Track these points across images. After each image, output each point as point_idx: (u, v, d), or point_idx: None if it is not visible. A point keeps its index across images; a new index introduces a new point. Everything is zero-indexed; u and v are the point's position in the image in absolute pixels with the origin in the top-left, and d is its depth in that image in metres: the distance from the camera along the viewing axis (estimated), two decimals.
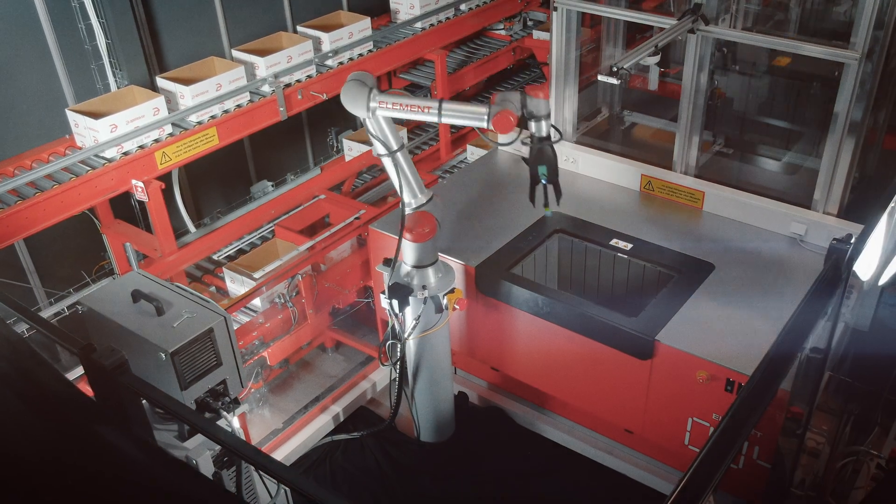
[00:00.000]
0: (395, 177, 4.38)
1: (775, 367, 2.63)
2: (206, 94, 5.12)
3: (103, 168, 4.70)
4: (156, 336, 3.34)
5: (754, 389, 2.57)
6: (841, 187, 4.92)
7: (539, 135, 4.26)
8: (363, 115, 4.19)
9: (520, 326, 4.92)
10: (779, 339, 2.74)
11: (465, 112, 4.18)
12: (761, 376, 2.60)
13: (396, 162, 4.33)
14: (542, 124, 4.22)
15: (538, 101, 4.14)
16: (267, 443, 5.44)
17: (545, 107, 4.19)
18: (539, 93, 4.14)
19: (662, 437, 4.68)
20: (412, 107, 4.17)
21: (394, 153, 4.31)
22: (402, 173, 4.39)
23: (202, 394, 3.49)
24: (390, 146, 4.31)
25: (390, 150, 4.31)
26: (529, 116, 4.20)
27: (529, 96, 4.13)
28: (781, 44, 4.99)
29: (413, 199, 4.50)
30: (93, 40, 5.60)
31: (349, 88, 4.19)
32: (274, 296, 5.20)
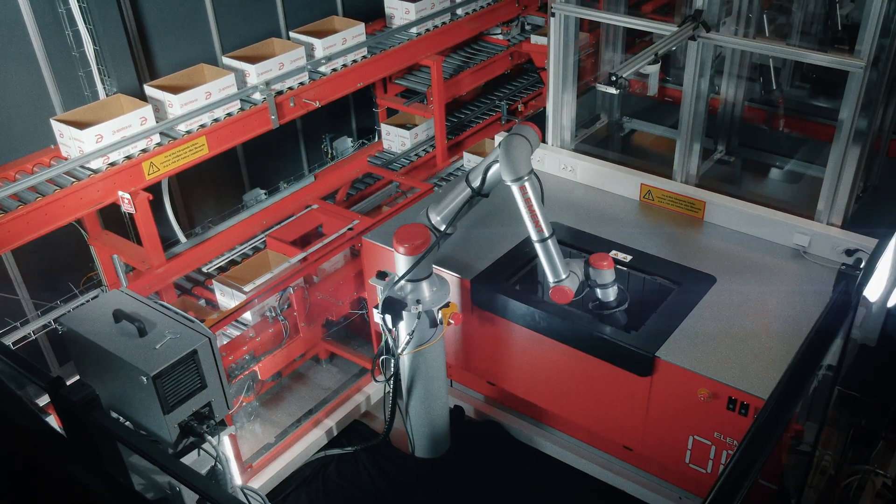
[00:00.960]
0: (457, 204, 4.40)
1: (790, 394, 2.53)
2: (196, 102, 5.00)
3: (89, 179, 4.58)
4: (137, 358, 3.23)
5: (770, 417, 2.48)
6: (845, 198, 4.81)
7: (605, 300, 4.52)
8: (506, 179, 4.19)
9: (516, 341, 4.80)
10: (792, 365, 2.64)
11: (550, 261, 4.32)
12: (776, 404, 2.51)
13: (472, 201, 4.41)
14: (607, 292, 4.50)
15: (601, 271, 4.43)
16: (259, 458, 5.32)
17: (608, 276, 4.45)
18: (602, 263, 4.41)
19: (663, 455, 4.57)
20: (534, 215, 4.23)
21: (479, 196, 4.39)
22: (465, 208, 4.40)
23: (186, 417, 3.37)
24: (483, 191, 4.38)
25: (479, 193, 4.37)
26: (594, 285, 4.48)
27: (592, 267, 4.42)
28: (785, 52, 4.87)
29: (443, 225, 4.45)
30: (80, 47, 5.47)
31: (518, 152, 4.17)
32: (265, 309, 5.08)
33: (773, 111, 6.25)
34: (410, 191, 6.12)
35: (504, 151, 4.19)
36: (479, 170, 4.34)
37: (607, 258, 4.44)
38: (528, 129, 4.34)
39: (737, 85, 5.81)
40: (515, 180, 4.16)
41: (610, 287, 4.48)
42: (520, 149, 4.20)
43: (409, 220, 5.39)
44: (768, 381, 4.00)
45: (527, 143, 4.25)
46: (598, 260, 4.43)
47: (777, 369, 4.06)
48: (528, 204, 4.20)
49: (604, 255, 4.46)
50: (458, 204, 4.41)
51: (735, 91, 5.82)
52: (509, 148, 4.19)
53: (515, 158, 4.17)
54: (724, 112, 5.87)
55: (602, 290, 4.49)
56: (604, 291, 4.49)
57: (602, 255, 4.46)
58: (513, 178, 4.16)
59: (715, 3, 4.76)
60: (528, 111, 7.48)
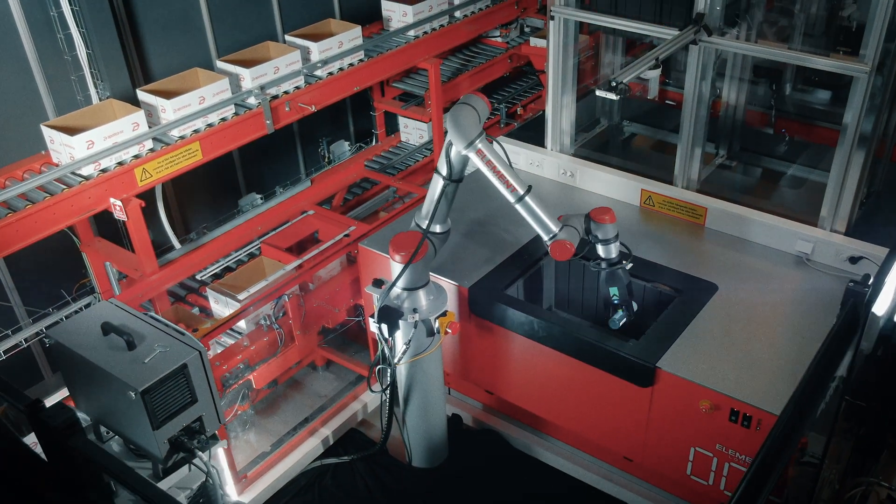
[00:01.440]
0: (435, 199, 4.30)
1: (802, 412, 2.47)
2: (189, 107, 4.92)
3: (80, 186, 4.49)
4: (126, 373, 3.15)
5: (781, 436, 2.42)
6: (849, 204, 4.73)
7: (608, 257, 4.29)
8: (459, 148, 4.07)
9: (515, 350, 4.73)
10: (802, 385, 2.58)
11: (538, 217, 4.17)
12: (787, 422, 2.45)
13: (447, 190, 4.28)
14: (609, 247, 4.27)
15: (604, 225, 4.20)
16: (254, 467, 5.25)
17: (612, 230, 4.22)
18: (605, 217, 4.18)
19: (663, 466, 4.49)
20: (501, 175, 4.10)
21: (453, 182, 4.26)
22: (444, 201, 4.32)
23: (176, 432, 3.30)
24: (454, 175, 4.24)
25: (451, 178, 4.25)
26: (595, 241, 4.25)
27: (595, 221, 4.19)
28: (788, 56, 4.79)
29: (433, 226, 4.39)
30: (72, 51, 5.39)
31: (463, 116, 4.05)
32: (259, 317, 5.01)
33: (775, 115, 6.17)
34: (408, 196, 6.04)
35: (450, 121, 4.06)
36: (442, 155, 4.23)
37: (609, 212, 4.21)
38: (474, 98, 4.19)
39: (738, 88, 5.73)
40: (468, 146, 4.01)
41: (612, 243, 4.24)
42: (464, 115, 4.05)
43: (405, 226, 5.32)
44: (771, 392, 3.93)
45: (471, 109, 4.09)
46: (600, 214, 4.20)
47: (780, 381, 3.99)
48: (491, 167, 4.06)
49: (606, 209, 4.23)
50: (436, 198, 4.29)
51: (737, 94, 5.74)
52: (454, 116, 4.05)
53: (462, 125, 4.02)
54: (726, 116, 5.79)
55: (604, 247, 4.25)
56: (606, 247, 4.25)
57: (604, 209, 4.23)
58: (465, 145, 4.01)
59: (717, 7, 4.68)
60: (528, 114, 7.40)
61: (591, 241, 4.27)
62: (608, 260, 4.31)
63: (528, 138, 5.94)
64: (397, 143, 6.81)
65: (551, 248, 4.15)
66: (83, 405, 3.51)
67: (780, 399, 3.88)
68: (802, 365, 4.05)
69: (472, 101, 4.14)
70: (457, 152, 4.12)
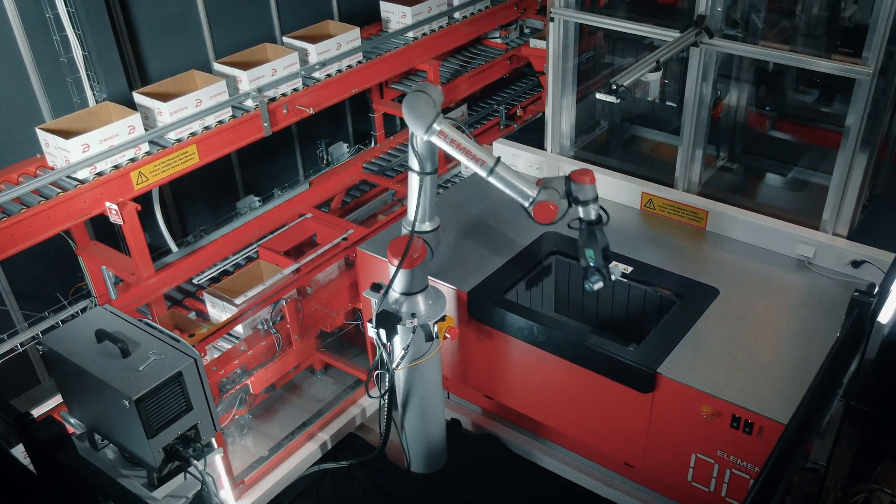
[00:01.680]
0: (416, 197, 4.26)
1: (807, 424, 2.43)
2: (186, 110, 4.88)
3: (75, 190, 4.45)
4: (120, 381, 3.11)
5: (786, 450, 2.39)
6: (852, 207, 4.69)
7: (588, 219, 4.22)
8: (420, 134, 4.03)
9: (514, 355, 4.69)
10: (808, 397, 2.54)
11: (513, 185, 4.12)
12: (793, 434, 2.41)
13: (424, 184, 4.22)
14: (589, 209, 4.19)
15: (584, 186, 4.12)
16: (252, 472, 5.21)
17: (591, 191, 4.16)
18: (585, 178, 4.11)
19: (664, 472, 4.45)
20: (467, 151, 4.05)
21: (427, 174, 4.19)
22: (424, 196, 4.26)
23: (171, 440, 3.26)
24: (426, 167, 4.19)
25: (424, 171, 4.18)
26: (575, 202, 4.17)
27: (575, 182, 4.11)
28: (790, 59, 4.74)
29: (420, 224, 4.36)
30: (68, 52, 5.35)
31: (417, 102, 4.00)
32: (257, 321, 4.97)
33: (776, 117, 6.13)
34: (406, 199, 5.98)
35: (406, 110, 4.02)
36: (409, 150, 4.18)
37: (589, 173, 4.13)
38: (427, 85, 4.17)
39: (740, 90, 5.69)
40: (427, 130, 3.98)
41: (592, 204, 4.18)
42: (419, 101, 3.99)
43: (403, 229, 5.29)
44: (773, 399, 3.89)
45: (425, 95, 4.03)
46: (580, 175, 4.12)
47: (782, 387, 3.95)
48: (455, 145, 4.02)
49: (586, 171, 4.15)
50: (416, 196, 4.25)
51: (738, 96, 5.70)
52: (409, 105, 4.01)
53: (417, 109, 3.97)
54: (727, 118, 5.75)
55: (584, 208, 4.19)
56: (585, 209, 4.19)
57: (584, 171, 4.15)
58: (424, 129, 3.97)
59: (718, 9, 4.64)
60: (528, 116, 7.36)
61: (572, 202, 4.19)
62: (587, 221, 4.24)
63: (528, 140, 5.90)
64: (397, 144, 6.76)
65: (534, 211, 4.08)
66: (77, 412, 3.47)
67: (782, 406, 3.84)
68: (805, 371, 4.02)
69: (425, 89, 4.09)
70: (421, 141, 4.08)
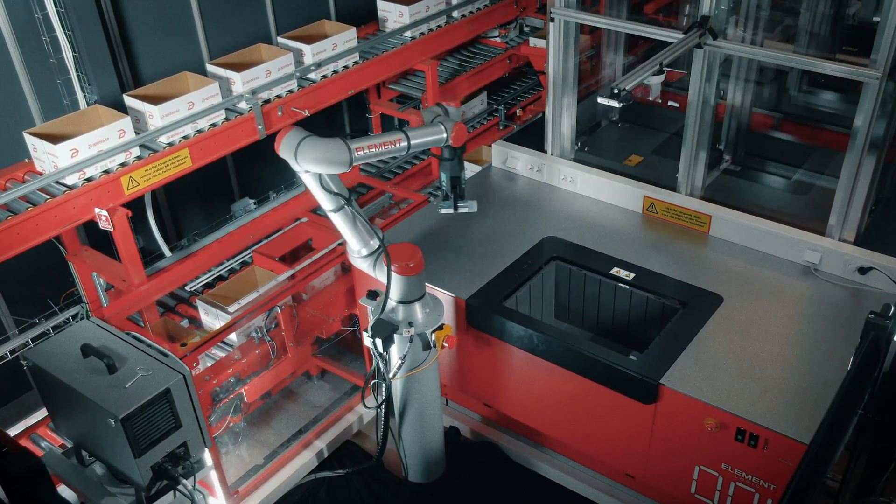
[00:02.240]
0: (350, 228, 4.26)
1: (826, 453, 2.35)
2: (177, 113, 4.76)
3: (64, 196, 4.34)
4: (106, 398, 3.01)
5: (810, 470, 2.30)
6: (859, 212, 4.59)
7: (446, 143, 4.39)
8: (345, 168, 4.02)
9: (514, 364, 4.59)
10: (823, 427, 2.45)
11: (426, 134, 4.29)
12: (815, 455, 2.32)
13: (351, 211, 4.23)
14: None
15: (450, 108, 4.49)
16: (247, 480, 5.12)
17: (457, 114, 4.53)
18: (452, 102, 4.51)
19: (667, 484, 4.36)
20: (384, 144, 4.11)
21: (347, 203, 4.20)
22: (358, 221, 4.26)
23: (160, 459, 3.16)
24: (344, 194, 4.20)
25: (344, 201, 4.18)
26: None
27: (446, 105, 4.50)
28: (796, 61, 4.63)
29: (365, 248, 4.34)
30: (58, 54, 5.24)
31: (323, 148, 3.99)
32: (251, 329, 4.87)
33: (781, 118, 6.02)
34: (404, 202, 5.89)
35: (316, 162, 4.04)
36: (321, 192, 4.19)
37: (456, 100, 4.67)
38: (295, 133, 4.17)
39: (744, 90, 5.58)
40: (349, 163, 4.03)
41: None
42: (325, 147, 4.01)
43: (401, 233, 5.19)
44: (779, 411, 3.80)
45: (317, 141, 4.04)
46: (448, 99, 4.71)
47: (788, 399, 3.86)
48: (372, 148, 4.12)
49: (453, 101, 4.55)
50: (349, 224, 4.26)
51: (742, 97, 5.59)
52: (308, 151, 4.02)
53: (330, 154, 4.01)
54: (731, 119, 5.64)
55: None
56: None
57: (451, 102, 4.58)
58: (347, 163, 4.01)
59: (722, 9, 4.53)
60: (528, 115, 7.24)
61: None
62: (448, 147, 4.40)
63: (528, 142, 5.80)
64: None
65: (454, 136, 4.27)
66: (63, 428, 3.38)
67: (789, 419, 3.75)
68: (811, 382, 3.93)
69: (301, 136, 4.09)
70: (326, 177, 4.12)
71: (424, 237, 5.13)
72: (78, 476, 3.31)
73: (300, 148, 4.00)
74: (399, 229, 5.25)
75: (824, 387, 3.89)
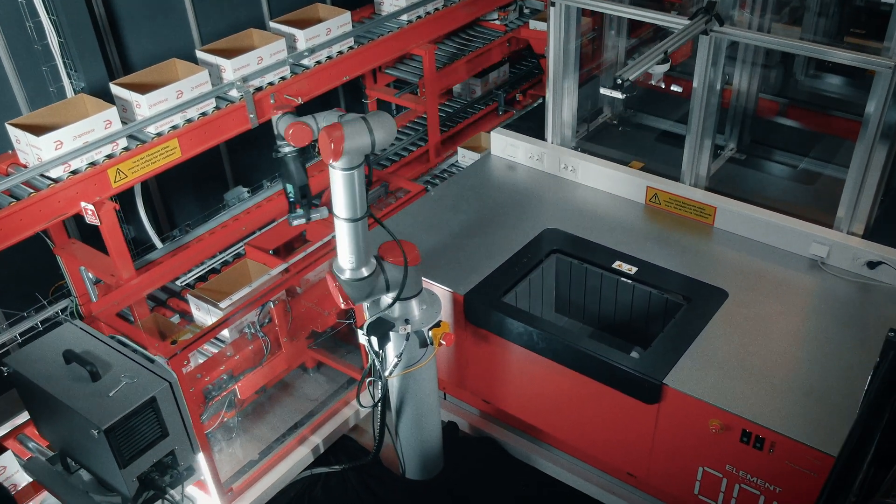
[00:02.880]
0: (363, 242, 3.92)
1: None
2: (166, 102, 4.61)
3: (49, 190, 4.20)
4: (88, 408, 2.90)
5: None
6: (869, 204, 4.45)
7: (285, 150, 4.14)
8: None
9: (513, 360, 4.48)
10: (843, 454, 2.36)
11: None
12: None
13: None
14: None
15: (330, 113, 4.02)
16: (241, 477, 5.03)
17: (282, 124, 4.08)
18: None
19: (669, 484, 4.26)
20: None
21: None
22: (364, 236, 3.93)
23: (146, 468, 3.05)
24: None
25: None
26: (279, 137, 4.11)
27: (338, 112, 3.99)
28: (805, 48, 4.47)
29: (358, 270, 3.96)
30: (43, 39, 5.08)
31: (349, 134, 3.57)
32: (243, 325, 4.75)
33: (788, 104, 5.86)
34: (401, 191, 5.75)
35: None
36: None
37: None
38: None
39: (750, 74, 5.41)
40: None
41: None
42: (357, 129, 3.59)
43: (398, 224, 5.07)
44: (785, 413, 3.69)
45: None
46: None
47: (795, 399, 3.75)
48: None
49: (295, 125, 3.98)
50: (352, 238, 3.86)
51: (748, 82, 5.43)
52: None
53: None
54: (736, 105, 5.48)
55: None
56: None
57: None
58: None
59: None
60: (527, 101, 7.08)
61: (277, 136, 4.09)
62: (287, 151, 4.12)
63: (528, 130, 5.64)
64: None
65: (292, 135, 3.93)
66: (47, 435, 3.28)
67: (795, 421, 3.64)
68: (817, 382, 3.82)
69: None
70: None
71: (422, 229, 5.00)
72: (63, 484, 3.21)
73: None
74: (396, 219, 5.12)
75: (831, 388, 3.79)
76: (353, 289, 3.91)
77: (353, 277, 3.91)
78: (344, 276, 3.92)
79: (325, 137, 3.49)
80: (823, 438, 3.55)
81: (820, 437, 3.55)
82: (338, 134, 3.48)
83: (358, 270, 3.92)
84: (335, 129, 3.49)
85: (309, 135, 3.89)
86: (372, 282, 3.95)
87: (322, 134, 3.51)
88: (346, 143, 3.49)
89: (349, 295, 3.89)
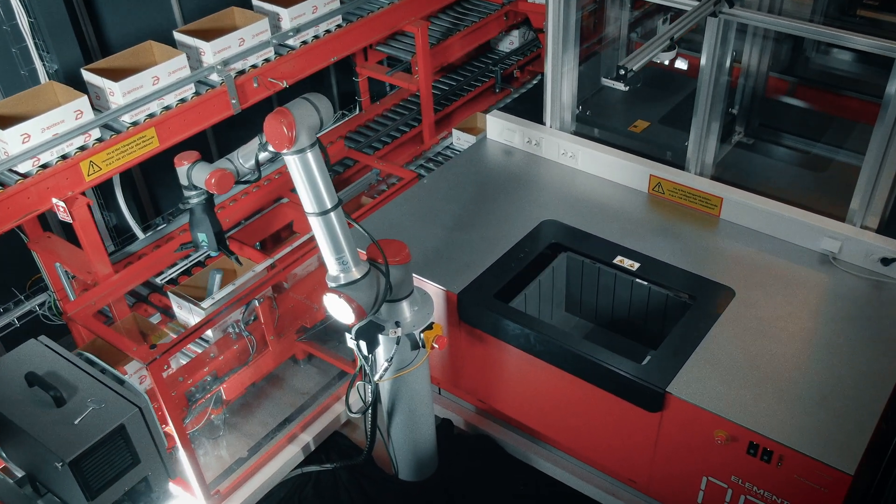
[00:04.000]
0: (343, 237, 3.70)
1: None
2: (141, 89, 4.34)
3: (17, 186, 3.96)
4: (51, 438, 2.71)
5: None
6: (884, 197, 4.22)
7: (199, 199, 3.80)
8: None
9: (509, 362, 4.28)
10: None
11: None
12: None
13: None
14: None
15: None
16: (227, 477, 4.86)
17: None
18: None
19: (671, 492, 4.10)
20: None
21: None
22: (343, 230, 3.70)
23: (118, 497, 2.87)
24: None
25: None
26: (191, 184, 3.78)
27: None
28: (819, 32, 4.19)
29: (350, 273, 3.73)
30: (12, 20, 4.79)
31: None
32: (227, 324, 4.54)
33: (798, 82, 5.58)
34: (393, 177, 5.50)
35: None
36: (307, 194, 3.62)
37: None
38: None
39: (760, 52, 5.11)
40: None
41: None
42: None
43: (389, 215, 4.85)
44: (793, 425, 3.50)
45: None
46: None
47: (805, 410, 3.56)
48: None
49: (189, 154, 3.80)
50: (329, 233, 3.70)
51: (758, 58, 5.13)
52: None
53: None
54: (745, 87, 5.20)
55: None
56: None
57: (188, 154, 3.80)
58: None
59: None
60: (526, 77, 6.79)
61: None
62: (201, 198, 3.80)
63: (525, 112, 5.38)
64: (383, 111, 6.21)
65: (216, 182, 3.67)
66: (13, 458, 3.08)
67: (804, 434, 3.46)
68: (828, 390, 3.64)
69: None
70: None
71: (414, 219, 4.78)
72: None
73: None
74: (388, 210, 4.89)
75: (843, 397, 3.60)
76: (357, 292, 3.68)
77: (349, 280, 3.69)
78: (339, 282, 3.70)
79: (276, 124, 3.31)
80: (835, 453, 3.37)
81: (832, 453, 3.37)
82: (289, 118, 3.31)
83: (349, 272, 3.70)
84: (284, 114, 3.31)
85: (232, 179, 3.68)
86: (373, 281, 3.74)
87: (271, 122, 3.33)
88: (297, 124, 3.32)
89: (358, 300, 3.65)
